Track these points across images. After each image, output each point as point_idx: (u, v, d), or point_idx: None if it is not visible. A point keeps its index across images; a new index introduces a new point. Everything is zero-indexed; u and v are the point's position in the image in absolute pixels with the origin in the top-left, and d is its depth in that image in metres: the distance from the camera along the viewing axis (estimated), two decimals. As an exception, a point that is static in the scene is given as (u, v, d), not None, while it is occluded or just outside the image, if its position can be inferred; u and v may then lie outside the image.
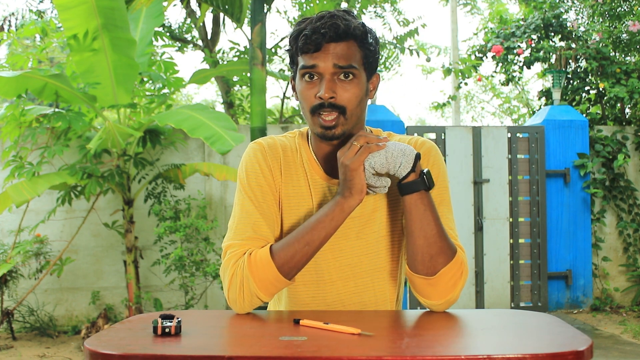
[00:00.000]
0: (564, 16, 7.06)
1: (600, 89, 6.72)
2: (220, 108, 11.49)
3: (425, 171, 1.31)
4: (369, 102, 1.51)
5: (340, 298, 1.45)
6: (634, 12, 7.18)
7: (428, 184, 1.31)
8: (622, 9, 7.28)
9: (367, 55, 1.37)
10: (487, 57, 7.29)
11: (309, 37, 1.32)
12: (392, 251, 1.46)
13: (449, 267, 1.32)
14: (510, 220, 5.94)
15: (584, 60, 6.81)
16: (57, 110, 4.64)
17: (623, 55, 7.29)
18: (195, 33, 8.29)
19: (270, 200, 1.41)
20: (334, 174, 1.43)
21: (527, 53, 6.94)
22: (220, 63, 7.26)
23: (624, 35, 7.05)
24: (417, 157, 1.30)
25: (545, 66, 7.06)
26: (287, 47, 1.40)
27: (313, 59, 1.33)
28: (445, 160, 5.78)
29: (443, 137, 5.85)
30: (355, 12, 1.35)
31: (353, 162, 1.29)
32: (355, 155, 1.29)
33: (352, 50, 1.34)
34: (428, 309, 1.37)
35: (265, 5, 4.91)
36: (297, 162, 1.45)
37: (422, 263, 1.31)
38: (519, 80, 7.65)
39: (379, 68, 1.41)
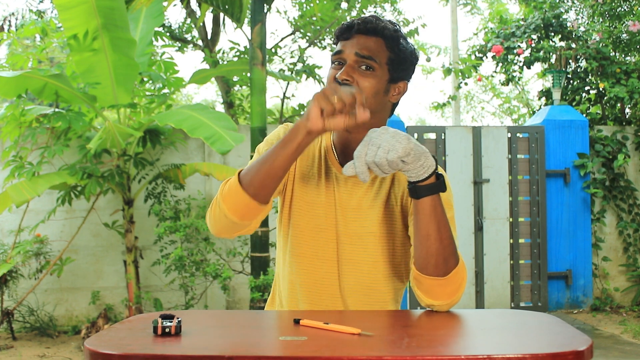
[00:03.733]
0: (564, 16, 7.05)
1: (600, 89, 6.71)
2: (220, 108, 11.50)
3: (441, 173, 1.33)
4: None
5: (344, 301, 1.48)
6: (634, 12, 7.18)
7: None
8: (622, 9, 7.28)
9: (392, 57, 1.44)
10: (487, 57, 7.29)
11: (343, 26, 1.46)
12: (391, 253, 1.48)
13: (458, 268, 1.33)
14: (510, 220, 5.94)
15: (584, 60, 6.81)
16: (57, 110, 4.64)
17: (623, 55, 7.29)
18: (195, 33, 8.28)
19: None
20: (345, 162, 1.50)
21: (527, 53, 6.94)
22: (220, 63, 7.26)
23: (624, 35, 7.05)
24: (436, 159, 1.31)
25: (545, 66, 7.06)
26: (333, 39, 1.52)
27: (342, 46, 1.45)
28: (445, 160, 5.80)
29: (443, 137, 5.85)
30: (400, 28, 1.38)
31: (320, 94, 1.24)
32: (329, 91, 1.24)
33: (378, 46, 1.43)
34: (428, 309, 1.37)
35: (265, 5, 4.91)
36: (316, 147, 1.55)
37: (436, 265, 1.31)
38: (519, 80, 7.65)
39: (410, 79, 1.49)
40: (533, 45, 6.86)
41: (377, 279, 1.48)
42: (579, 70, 6.89)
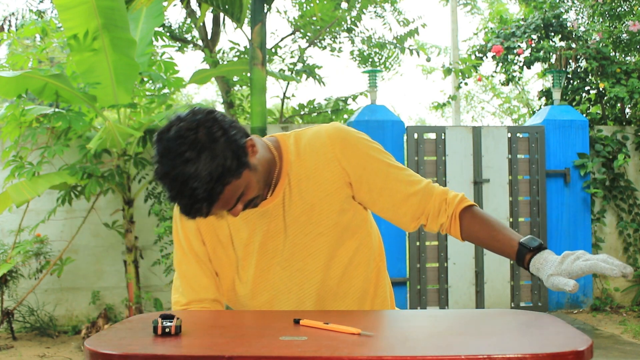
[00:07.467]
0: (564, 16, 7.05)
1: (601, 89, 6.71)
2: (220, 108, 11.48)
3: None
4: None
5: (313, 301, 1.46)
6: (634, 12, 7.18)
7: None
8: (622, 9, 7.28)
9: (229, 177, 1.25)
10: (487, 57, 7.29)
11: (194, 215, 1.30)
12: (350, 239, 1.45)
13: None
14: (511, 220, 5.93)
15: (584, 60, 6.81)
16: (57, 110, 4.64)
17: (623, 55, 7.28)
18: (195, 33, 8.28)
19: (204, 255, 1.49)
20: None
21: (527, 53, 6.94)
22: (221, 63, 7.26)
23: (624, 35, 7.05)
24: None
25: (545, 66, 7.06)
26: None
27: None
28: (445, 160, 5.80)
29: (443, 137, 5.85)
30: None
31: None
32: None
33: (224, 196, 1.27)
34: (427, 309, 1.38)
35: (265, 5, 4.91)
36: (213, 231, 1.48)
37: None
38: (519, 80, 7.65)
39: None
40: (533, 45, 6.86)
41: (350, 273, 1.45)
42: (579, 70, 6.89)
